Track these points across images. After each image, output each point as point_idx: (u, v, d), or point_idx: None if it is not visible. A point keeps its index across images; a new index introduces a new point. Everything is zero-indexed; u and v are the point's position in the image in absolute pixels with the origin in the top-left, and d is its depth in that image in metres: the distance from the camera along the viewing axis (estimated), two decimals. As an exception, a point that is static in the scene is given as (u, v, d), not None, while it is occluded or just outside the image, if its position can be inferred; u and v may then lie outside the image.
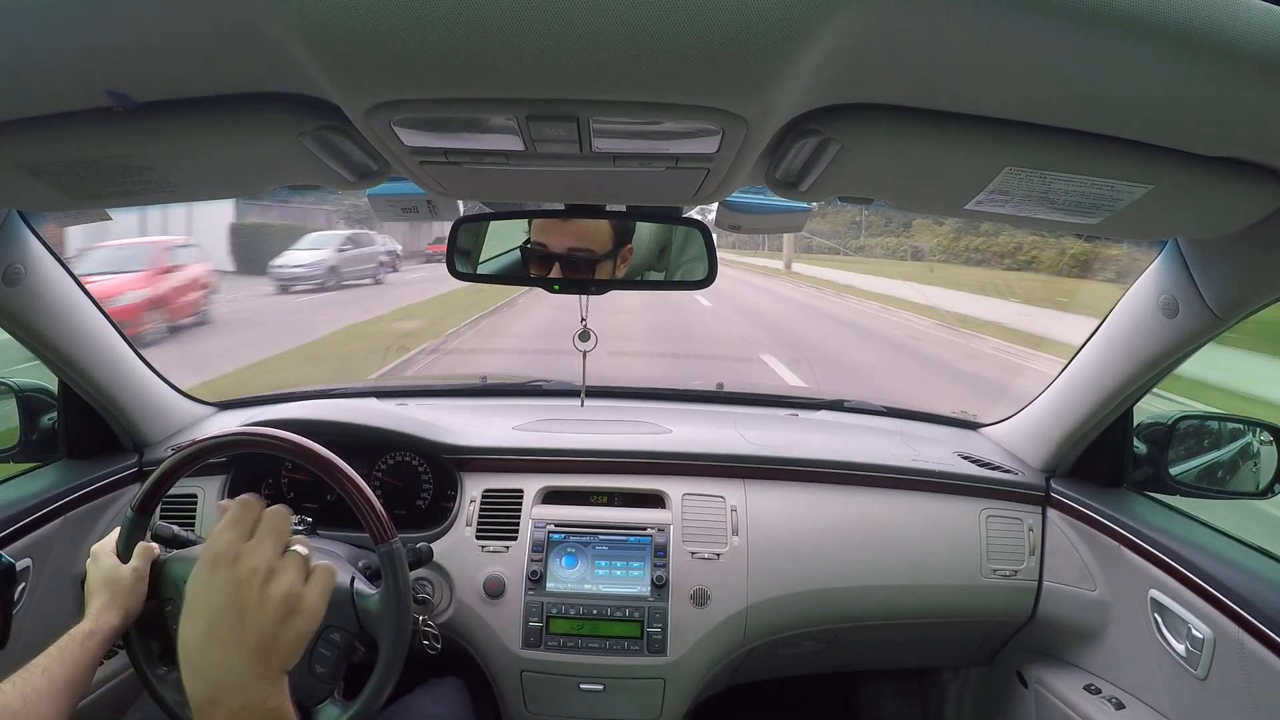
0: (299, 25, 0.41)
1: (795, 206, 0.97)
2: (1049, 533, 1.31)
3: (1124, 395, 1.13)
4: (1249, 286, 0.84)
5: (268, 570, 0.62)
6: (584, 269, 0.97)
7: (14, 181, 0.70)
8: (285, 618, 0.61)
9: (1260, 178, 0.61)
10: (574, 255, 0.96)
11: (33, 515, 1.11)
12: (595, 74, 0.46)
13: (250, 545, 0.63)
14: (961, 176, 0.64)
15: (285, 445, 0.92)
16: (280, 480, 1.39)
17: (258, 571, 0.61)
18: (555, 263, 0.96)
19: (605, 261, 0.96)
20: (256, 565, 0.61)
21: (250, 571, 0.61)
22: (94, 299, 1.18)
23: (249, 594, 0.60)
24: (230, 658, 0.59)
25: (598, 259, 0.96)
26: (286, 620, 0.61)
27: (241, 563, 0.61)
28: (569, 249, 0.96)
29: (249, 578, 0.61)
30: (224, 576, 0.61)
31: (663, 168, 0.65)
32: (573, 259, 0.96)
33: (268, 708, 0.59)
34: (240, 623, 0.59)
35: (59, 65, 0.50)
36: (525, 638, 1.19)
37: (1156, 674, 1.10)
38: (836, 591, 1.26)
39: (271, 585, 0.61)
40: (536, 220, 0.97)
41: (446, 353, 7.47)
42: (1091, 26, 0.41)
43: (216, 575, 0.61)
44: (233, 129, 0.59)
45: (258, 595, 0.61)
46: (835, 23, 0.41)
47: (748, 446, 1.37)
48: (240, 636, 0.59)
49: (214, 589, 0.60)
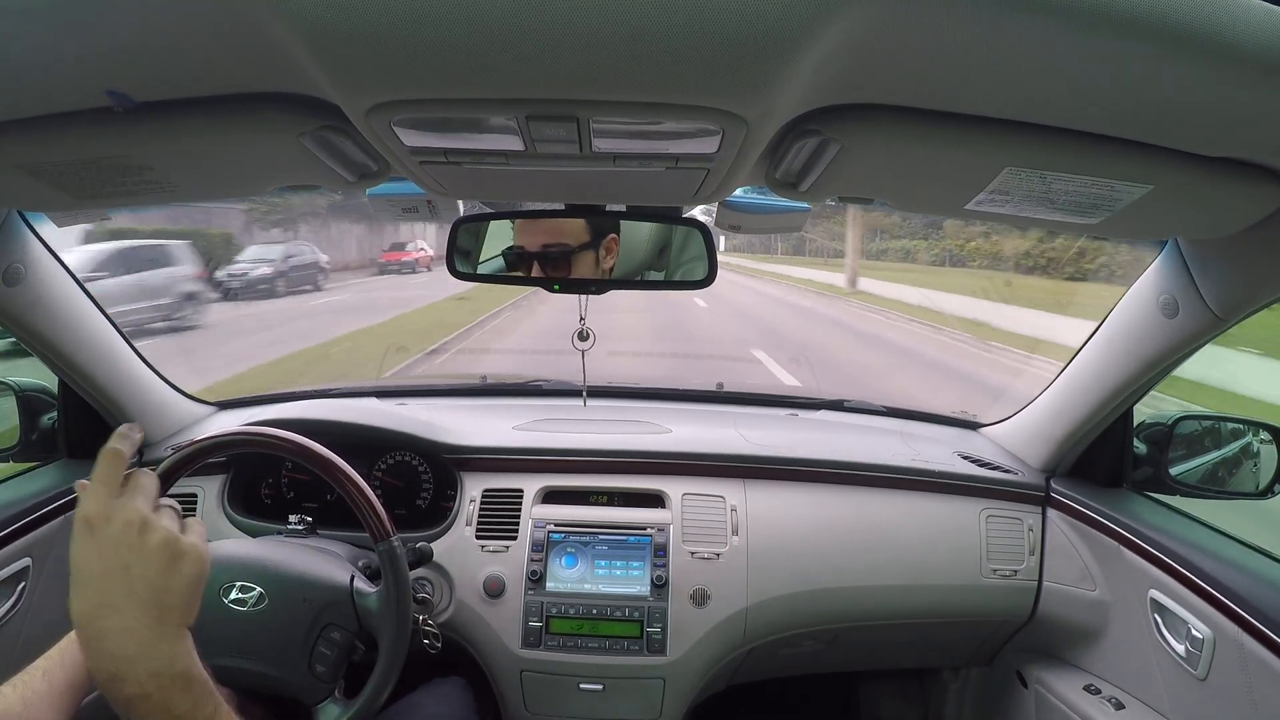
0: (299, 25, 0.41)
1: (795, 206, 0.97)
2: (1049, 533, 1.31)
3: (1124, 395, 1.13)
4: (1249, 286, 0.84)
5: (142, 521, 0.59)
6: (562, 264, 0.96)
7: (14, 181, 0.70)
8: (171, 564, 0.59)
9: (1260, 178, 0.61)
10: (549, 251, 0.95)
11: (33, 515, 1.11)
12: (595, 74, 0.46)
13: (120, 502, 0.60)
14: (961, 176, 0.64)
15: (285, 445, 0.92)
16: (280, 480, 1.39)
17: (132, 524, 0.58)
18: (534, 261, 0.96)
19: (584, 253, 0.95)
20: (130, 518, 0.58)
21: (125, 525, 0.58)
22: (94, 299, 1.18)
23: (129, 548, 0.58)
24: (126, 620, 0.56)
25: (573, 250, 0.95)
26: (173, 567, 0.59)
27: (115, 519, 0.58)
28: (543, 246, 0.95)
29: (125, 531, 0.58)
30: (102, 537, 0.58)
31: (663, 168, 0.65)
32: (549, 255, 0.95)
33: (175, 671, 0.58)
34: (128, 579, 0.57)
35: (59, 65, 0.50)
36: (525, 637, 1.19)
37: (1156, 674, 1.10)
38: (836, 591, 1.26)
39: (149, 535, 0.59)
40: (518, 222, 0.96)
41: (448, 353, 7.46)
42: (1091, 27, 0.41)
43: (94, 538, 0.58)
44: (233, 129, 0.59)
45: (139, 547, 0.58)
46: (835, 23, 0.41)
47: (748, 446, 1.37)
48: (131, 594, 0.57)
49: (94, 553, 0.57)
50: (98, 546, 0.57)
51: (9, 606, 1.05)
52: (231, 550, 0.98)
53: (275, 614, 0.92)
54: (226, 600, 0.91)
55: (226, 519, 1.27)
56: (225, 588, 0.92)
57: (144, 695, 0.56)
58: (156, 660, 0.57)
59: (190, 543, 0.61)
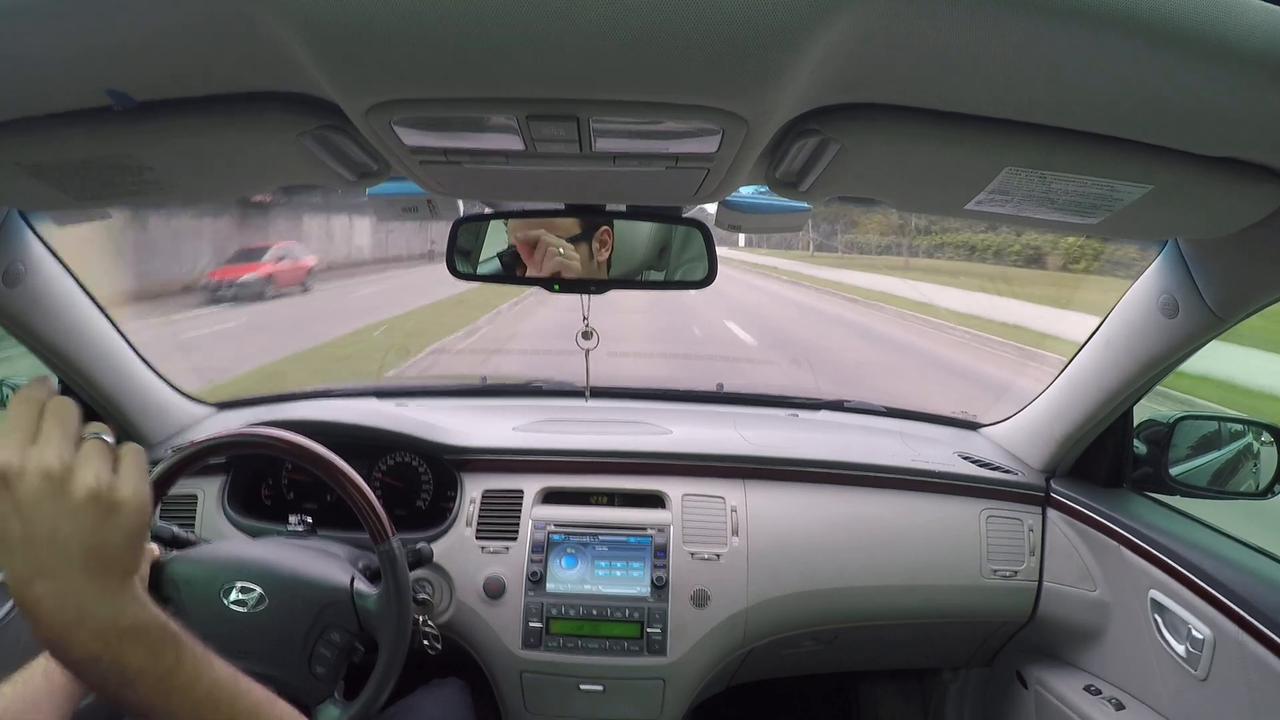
0: (299, 25, 0.41)
1: (795, 206, 0.97)
2: (1049, 533, 1.31)
3: (1124, 395, 1.13)
4: (1249, 286, 0.84)
5: (63, 471, 0.49)
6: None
7: (14, 181, 0.70)
8: (104, 518, 0.50)
9: (1260, 178, 0.61)
10: (532, 236, 0.94)
11: None
12: (595, 74, 0.46)
13: (35, 448, 0.50)
14: (961, 176, 0.64)
15: (285, 446, 0.92)
16: (280, 481, 1.38)
17: (51, 476, 0.49)
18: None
19: (576, 244, 0.94)
20: (48, 467, 0.49)
21: (41, 479, 0.48)
22: (94, 299, 1.18)
23: (52, 506, 0.49)
24: (62, 586, 0.49)
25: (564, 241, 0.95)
26: (108, 520, 0.50)
27: (29, 471, 0.48)
28: (529, 230, 0.94)
29: (44, 487, 0.48)
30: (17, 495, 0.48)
31: (663, 167, 0.65)
32: (531, 241, 0.94)
33: (122, 627, 0.51)
34: (57, 544, 0.49)
35: (59, 65, 0.50)
36: (525, 638, 1.19)
37: (1156, 674, 1.10)
38: (836, 592, 1.26)
39: (72, 487, 0.49)
40: (511, 220, 0.96)
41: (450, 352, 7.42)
42: (1092, 27, 0.41)
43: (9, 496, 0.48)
44: (233, 129, 0.59)
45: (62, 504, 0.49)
46: (835, 23, 0.41)
47: (748, 447, 1.37)
48: (66, 559, 0.49)
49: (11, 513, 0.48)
50: (15, 505, 0.48)
51: (9, 606, 1.05)
52: (231, 551, 0.98)
53: (275, 615, 0.92)
54: (226, 601, 0.91)
55: (226, 519, 1.27)
56: (225, 588, 0.92)
57: (93, 658, 0.50)
58: (100, 619, 0.50)
59: (128, 491, 0.51)
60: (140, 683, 0.51)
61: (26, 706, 0.67)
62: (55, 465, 0.49)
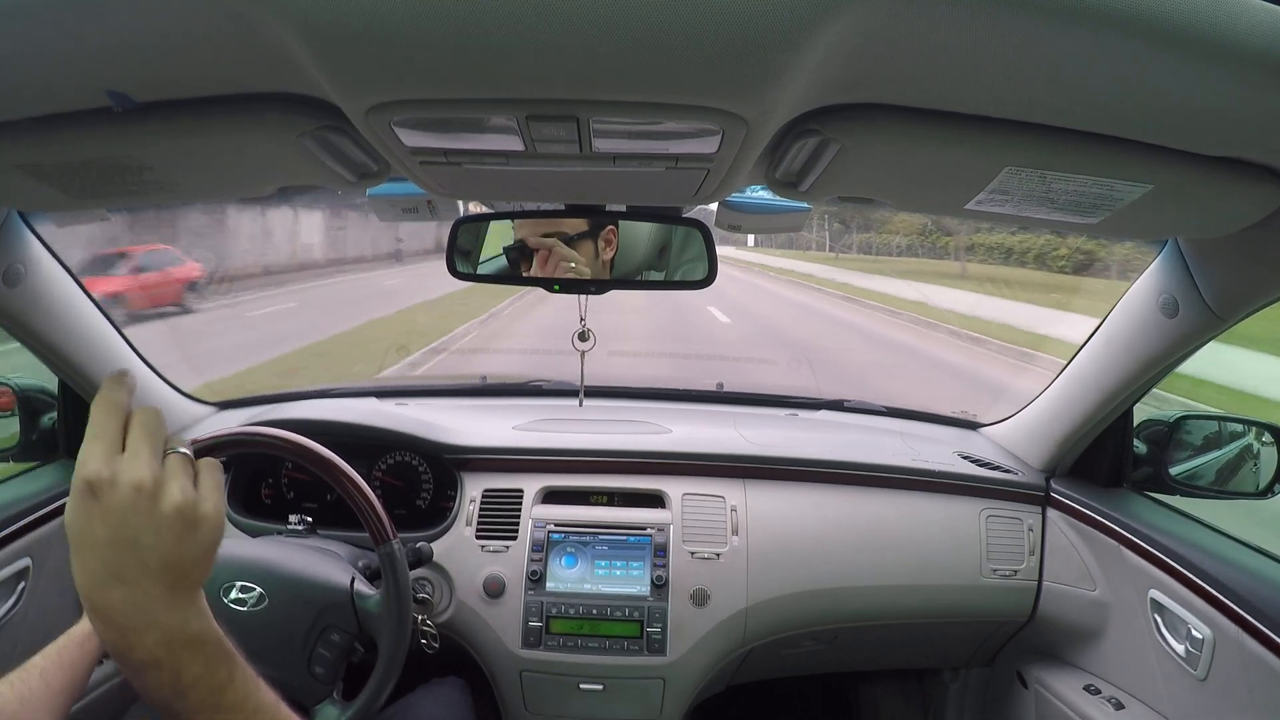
0: (298, 25, 0.41)
1: (795, 206, 0.97)
2: (1049, 533, 1.31)
3: (1124, 395, 1.13)
4: (1249, 286, 0.84)
5: (152, 485, 0.52)
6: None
7: (14, 181, 0.70)
8: (186, 533, 0.53)
9: (1260, 178, 0.61)
10: (546, 244, 0.95)
11: (33, 515, 1.11)
12: (595, 74, 0.46)
13: (125, 459, 0.52)
14: (961, 176, 0.64)
15: (285, 445, 0.92)
16: (280, 480, 1.39)
17: (142, 489, 0.51)
18: (534, 255, 0.95)
19: (583, 242, 0.94)
20: (140, 480, 0.51)
21: (133, 491, 0.51)
22: (94, 299, 1.18)
23: (139, 518, 0.51)
24: (136, 593, 0.51)
25: (571, 240, 0.94)
26: (189, 534, 0.53)
27: (120, 483, 0.51)
28: (541, 236, 0.95)
29: (133, 500, 0.51)
30: (106, 503, 0.51)
31: (663, 168, 0.65)
32: (545, 247, 0.95)
33: (187, 635, 0.53)
34: (137, 554, 0.51)
35: (59, 65, 0.50)
36: (525, 637, 1.19)
37: (1156, 674, 1.10)
38: (837, 591, 1.26)
39: (161, 501, 0.52)
40: (520, 222, 0.96)
41: (450, 352, 7.37)
42: (1092, 27, 0.41)
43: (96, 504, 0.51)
44: (233, 129, 0.59)
45: (150, 517, 0.51)
46: (835, 23, 0.41)
47: (748, 446, 1.37)
48: (144, 568, 0.51)
49: (97, 520, 0.51)
50: (102, 513, 0.50)
51: (9, 606, 1.05)
52: (231, 550, 0.98)
53: (275, 614, 0.92)
54: (226, 600, 0.91)
55: (226, 519, 1.27)
56: (225, 587, 0.92)
57: (154, 662, 0.52)
58: (169, 627, 0.52)
59: (208, 509, 0.55)
60: (193, 693, 0.53)
61: (22, 707, 0.67)
62: (147, 480, 0.51)
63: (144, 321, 9.04)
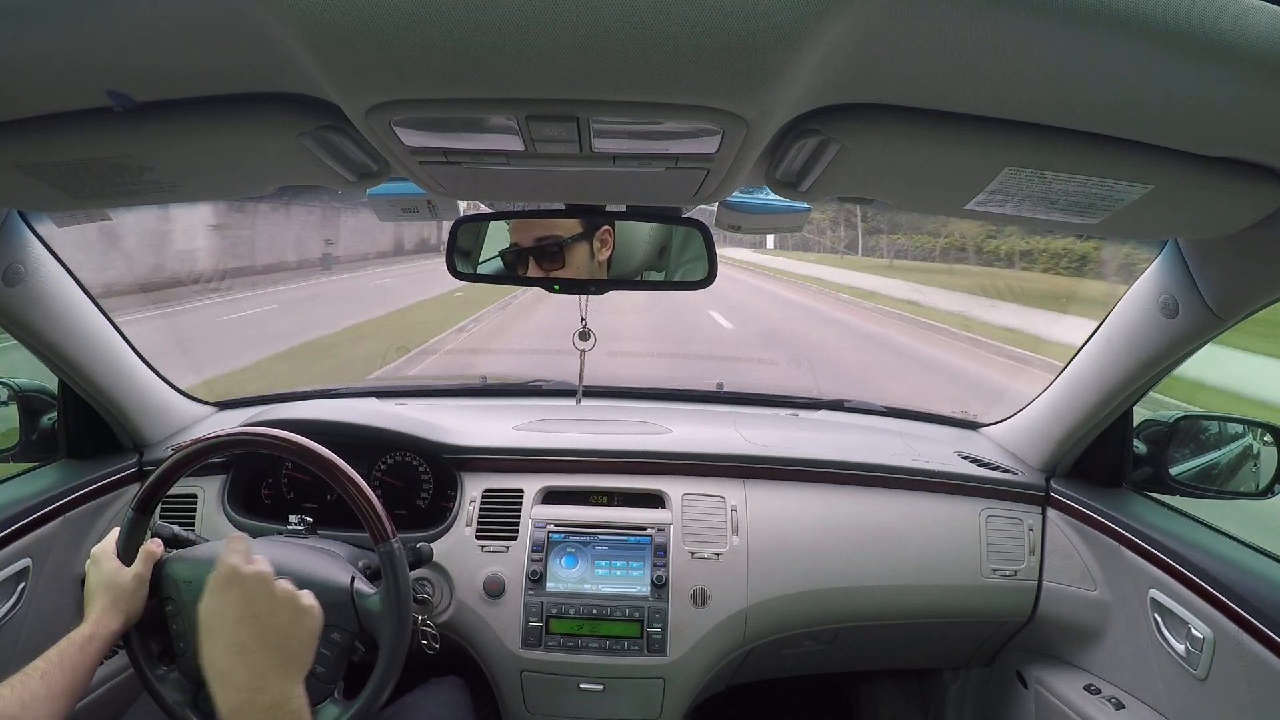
0: (299, 25, 0.41)
1: (795, 206, 0.97)
2: (1049, 533, 1.30)
3: (1124, 395, 1.13)
4: (1249, 286, 0.84)
5: (272, 579, 0.73)
6: (557, 257, 0.95)
7: (14, 181, 0.70)
8: (296, 616, 0.73)
9: (1260, 178, 0.61)
10: (543, 244, 0.95)
11: (33, 515, 1.11)
12: (595, 74, 0.46)
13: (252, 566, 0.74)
14: (961, 176, 0.64)
15: (285, 445, 0.92)
16: (280, 480, 1.38)
17: (264, 580, 0.73)
18: (530, 258, 0.96)
19: (578, 244, 0.94)
20: (262, 575, 0.73)
21: (259, 581, 0.72)
22: (94, 299, 1.18)
23: (262, 600, 0.71)
24: (258, 661, 0.69)
25: (566, 241, 0.94)
26: (297, 619, 0.73)
27: (249, 576, 0.72)
28: (536, 239, 0.95)
29: (259, 586, 0.72)
30: (237, 591, 0.71)
31: (663, 168, 0.65)
32: (543, 249, 0.95)
33: (291, 708, 0.68)
34: (260, 627, 0.70)
35: (59, 65, 0.50)
36: (525, 637, 1.19)
37: (1156, 674, 1.10)
38: (837, 591, 1.26)
39: (277, 590, 0.73)
40: (512, 223, 0.96)
41: (449, 353, 7.37)
42: (1092, 27, 0.41)
43: (230, 592, 0.71)
44: (233, 129, 0.59)
45: (269, 598, 0.72)
46: (835, 23, 0.41)
47: (747, 446, 1.37)
48: (264, 640, 0.70)
49: (230, 603, 0.71)
50: (234, 598, 0.71)
51: (9, 607, 1.05)
52: None
53: None
54: None
55: (226, 519, 1.27)
56: None
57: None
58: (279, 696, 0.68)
59: (309, 603, 0.75)
60: None
61: (23, 710, 0.67)
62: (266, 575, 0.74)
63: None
